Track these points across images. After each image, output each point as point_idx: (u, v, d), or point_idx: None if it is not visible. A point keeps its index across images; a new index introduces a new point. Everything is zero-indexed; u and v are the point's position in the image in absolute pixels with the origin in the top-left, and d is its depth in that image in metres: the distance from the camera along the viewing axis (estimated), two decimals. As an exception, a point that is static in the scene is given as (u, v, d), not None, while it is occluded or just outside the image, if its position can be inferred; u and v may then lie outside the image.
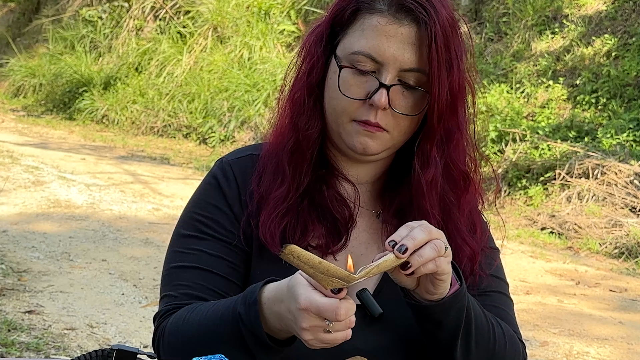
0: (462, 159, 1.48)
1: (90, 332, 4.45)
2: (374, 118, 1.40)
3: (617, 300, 5.91)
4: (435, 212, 1.44)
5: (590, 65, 10.11)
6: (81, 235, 6.54)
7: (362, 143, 1.42)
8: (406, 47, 1.39)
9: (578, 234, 7.52)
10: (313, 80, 1.46)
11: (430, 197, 1.44)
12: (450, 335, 1.37)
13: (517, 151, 9.05)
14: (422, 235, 1.26)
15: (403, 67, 1.39)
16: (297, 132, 1.47)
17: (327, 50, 1.46)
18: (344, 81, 1.41)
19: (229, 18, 14.26)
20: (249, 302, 1.32)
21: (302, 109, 1.47)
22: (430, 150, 1.43)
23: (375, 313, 1.31)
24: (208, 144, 12.22)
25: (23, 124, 14.01)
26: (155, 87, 13.96)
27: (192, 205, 1.52)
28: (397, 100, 1.40)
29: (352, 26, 1.43)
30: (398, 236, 1.26)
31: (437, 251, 1.26)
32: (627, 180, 7.89)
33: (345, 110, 1.42)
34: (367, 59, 1.40)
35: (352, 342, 1.34)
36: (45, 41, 17.19)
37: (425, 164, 1.44)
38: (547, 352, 4.79)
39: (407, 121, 1.42)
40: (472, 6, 12.26)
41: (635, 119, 8.94)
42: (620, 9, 10.68)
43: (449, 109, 1.41)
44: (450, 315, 1.35)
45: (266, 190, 1.46)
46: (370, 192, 1.53)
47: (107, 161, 10.51)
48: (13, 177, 8.67)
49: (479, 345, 1.41)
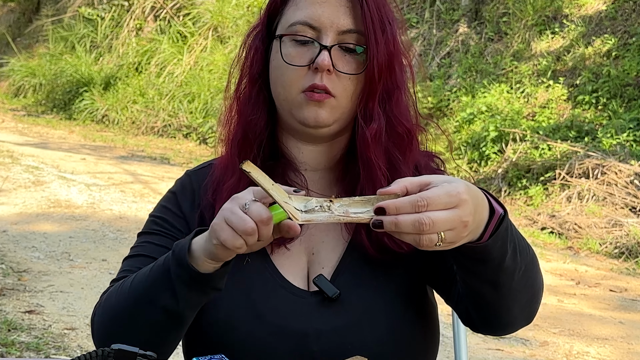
0: (405, 116, 1.51)
1: (90, 332, 4.44)
2: (319, 81, 1.43)
3: (617, 300, 5.91)
4: (380, 163, 1.46)
5: (590, 65, 10.12)
6: (81, 235, 6.54)
7: (313, 113, 1.45)
8: (340, 10, 1.45)
9: (578, 234, 7.52)
10: (254, 71, 1.52)
11: (375, 149, 1.47)
12: (494, 269, 1.31)
13: (517, 151, 9.05)
14: (411, 201, 1.19)
15: (340, 29, 1.45)
16: (243, 123, 1.52)
17: (265, 41, 1.52)
18: (286, 53, 1.46)
19: (229, 18, 14.26)
20: (181, 244, 1.36)
21: (247, 100, 1.52)
22: (372, 107, 1.47)
23: (331, 294, 1.42)
24: (208, 144, 12.22)
25: (23, 124, 14.01)
26: (156, 87, 13.96)
27: (152, 211, 1.60)
28: (340, 62, 1.45)
29: (287, 5, 1.50)
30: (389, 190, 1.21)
31: (417, 228, 1.17)
32: (627, 180, 7.89)
33: (291, 82, 1.46)
34: (305, 27, 1.45)
35: (313, 324, 1.42)
36: (45, 41, 17.19)
37: (369, 119, 1.47)
38: (547, 352, 4.79)
39: (351, 83, 1.46)
40: (472, 6, 12.26)
41: (635, 119, 8.94)
42: (620, 9, 10.68)
43: (387, 66, 1.46)
44: (493, 256, 1.29)
45: (219, 182, 1.51)
46: (326, 178, 1.55)
47: (107, 161, 10.51)
48: (13, 177, 8.67)
49: (525, 277, 1.36)
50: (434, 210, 1.17)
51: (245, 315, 1.44)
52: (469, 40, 11.88)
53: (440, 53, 12.02)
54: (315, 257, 1.50)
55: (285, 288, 1.46)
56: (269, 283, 1.47)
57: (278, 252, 1.49)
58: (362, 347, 1.42)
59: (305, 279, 1.49)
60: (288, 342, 1.42)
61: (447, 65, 11.75)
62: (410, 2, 13.03)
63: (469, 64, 11.31)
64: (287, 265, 1.48)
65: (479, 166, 9.43)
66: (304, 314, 1.44)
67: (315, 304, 1.45)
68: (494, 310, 1.39)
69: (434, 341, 1.53)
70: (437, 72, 11.63)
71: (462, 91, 10.84)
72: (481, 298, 1.38)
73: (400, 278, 1.49)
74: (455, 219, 1.18)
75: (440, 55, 11.97)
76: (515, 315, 1.40)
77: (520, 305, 1.39)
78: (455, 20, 12.33)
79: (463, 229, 1.20)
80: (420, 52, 12.05)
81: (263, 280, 1.47)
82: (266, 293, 1.46)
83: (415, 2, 12.99)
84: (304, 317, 1.44)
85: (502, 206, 1.29)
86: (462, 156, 9.65)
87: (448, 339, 4.08)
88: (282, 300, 1.45)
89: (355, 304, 1.45)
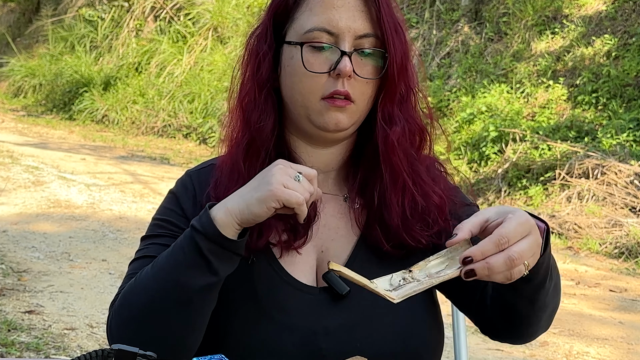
0: (418, 116, 1.54)
1: (90, 332, 4.45)
2: (342, 87, 1.43)
3: (617, 300, 5.91)
4: (404, 167, 1.48)
5: (590, 65, 10.12)
6: (81, 235, 6.54)
7: (334, 118, 1.45)
8: (356, 14, 1.45)
9: (578, 234, 7.52)
10: (263, 76, 1.50)
11: (399, 152, 1.48)
12: (536, 286, 1.37)
13: (517, 151, 9.05)
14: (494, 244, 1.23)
15: (357, 33, 1.44)
16: (250, 129, 1.50)
17: (272, 45, 1.51)
18: (306, 60, 1.45)
19: (229, 18, 14.27)
20: (202, 213, 1.37)
21: (254, 105, 1.50)
22: (392, 109, 1.48)
23: (342, 291, 1.43)
24: (208, 144, 12.22)
25: (23, 124, 14.01)
26: (155, 87, 13.96)
27: (154, 214, 1.59)
28: (358, 67, 1.45)
29: (298, 10, 1.48)
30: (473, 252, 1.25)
31: (509, 265, 1.23)
32: (627, 180, 7.89)
33: (312, 89, 1.45)
34: (322, 34, 1.44)
35: (321, 322, 1.42)
36: (45, 41, 17.20)
37: (389, 122, 1.48)
38: (547, 352, 4.79)
39: (369, 87, 1.46)
40: (472, 6, 12.26)
41: (635, 119, 8.94)
42: (620, 9, 10.68)
43: (403, 67, 1.48)
44: (540, 275, 1.35)
45: (224, 189, 1.49)
46: (335, 178, 1.55)
47: (107, 161, 10.51)
48: (13, 177, 8.67)
49: (555, 289, 1.42)
50: (515, 243, 1.23)
51: (251, 312, 1.44)
52: (469, 40, 11.88)
53: (440, 53, 12.02)
54: (324, 254, 1.50)
55: (290, 284, 1.46)
56: (274, 279, 1.46)
57: (287, 254, 1.49)
58: (371, 345, 1.42)
59: (315, 276, 1.49)
60: (295, 339, 1.42)
61: (447, 66, 11.75)
62: (410, 2, 13.03)
63: (469, 64, 11.31)
64: (294, 263, 1.48)
65: (478, 166, 9.43)
66: (312, 310, 1.44)
67: (324, 300, 1.45)
68: (525, 323, 1.43)
69: (439, 340, 1.54)
70: (437, 72, 11.63)
71: (462, 91, 10.84)
72: (515, 312, 1.42)
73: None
74: (534, 244, 1.26)
75: (440, 55, 11.97)
76: (541, 325, 1.46)
77: (547, 316, 1.44)
78: (455, 20, 12.33)
79: (538, 252, 1.28)
80: (420, 52, 12.05)
81: (268, 277, 1.46)
82: (271, 289, 1.45)
83: (415, 2, 12.99)
84: (312, 314, 1.44)
85: (542, 221, 1.34)
86: (462, 156, 9.65)
87: (448, 339, 4.08)
88: (288, 296, 1.45)
89: (364, 301, 1.45)
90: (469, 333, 1.86)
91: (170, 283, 1.36)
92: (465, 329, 2.02)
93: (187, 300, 1.35)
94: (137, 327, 1.37)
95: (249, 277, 1.47)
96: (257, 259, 1.47)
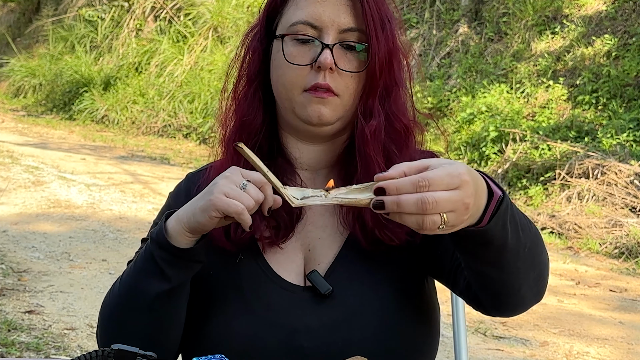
0: (403, 113, 1.53)
1: (90, 332, 4.45)
2: (323, 80, 1.44)
3: (617, 300, 5.91)
4: (379, 159, 1.47)
5: (590, 65, 10.12)
6: (81, 235, 6.55)
7: (316, 111, 1.46)
8: (340, 8, 1.46)
9: (578, 234, 7.52)
10: (252, 71, 1.53)
11: (374, 145, 1.48)
12: (496, 251, 1.30)
13: (517, 151, 9.05)
14: (412, 182, 1.16)
15: (341, 27, 1.46)
16: (238, 123, 1.54)
17: (264, 41, 1.53)
18: (288, 53, 1.47)
19: (229, 18, 14.27)
20: (157, 229, 1.41)
21: (244, 100, 1.54)
22: (372, 103, 1.48)
23: (323, 290, 1.44)
24: (208, 144, 12.21)
25: (23, 124, 14.01)
26: (156, 87, 13.96)
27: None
28: (341, 61, 1.46)
29: (286, 5, 1.51)
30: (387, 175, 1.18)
31: (420, 208, 1.14)
32: (627, 180, 7.89)
33: (294, 81, 1.46)
34: (306, 27, 1.46)
35: (303, 320, 1.43)
36: (45, 41, 17.20)
37: (368, 116, 1.48)
38: (547, 352, 4.79)
39: (354, 81, 1.47)
40: (472, 6, 12.26)
41: (635, 119, 8.94)
42: (620, 9, 10.68)
43: (387, 63, 1.47)
44: (495, 238, 1.27)
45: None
46: (327, 176, 1.55)
47: (107, 161, 10.51)
48: (13, 177, 8.67)
49: (530, 253, 1.35)
50: (436, 190, 1.14)
51: (236, 307, 1.46)
52: (469, 40, 11.88)
53: (440, 53, 12.02)
54: (311, 253, 1.51)
55: (275, 283, 1.47)
56: (260, 277, 1.48)
57: (271, 250, 1.50)
58: (351, 344, 1.42)
59: (302, 275, 1.49)
60: (277, 336, 1.43)
61: (447, 66, 11.75)
62: (410, 2, 13.03)
63: (469, 64, 11.31)
64: (280, 262, 1.49)
65: (479, 166, 9.43)
66: (295, 309, 1.45)
67: (308, 299, 1.46)
68: (502, 291, 1.38)
69: (432, 339, 1.52)
70: (437, 72, 11.63)
71: (462, 91, 10.84)
72: (488, 280, 1.36)
73: (396, 273, 1.49)
74: (458, 200, 1.16)
75: (440, 56, 11.97)
76: (524, 294, 1.39)
77: (528, 284, 1.38)
78: (455, 20, 12.33)
79: (465, 211, 1.17)
80: (420, 52, 12.06)
81: (254, 275, 1.48)
82: (256, 287, 1.47)
83: (415, 2, 12.99)
84: (295, 312, 1.45)
85: (500, 188, 1.28)
86: (462, 156, 9.65)
87: (448, 339, 4.09)
88: (272, 294, 1.46)
89: (348, 300, 1.46)
90: (469, 333, 1.86)
91: (132, 289, 1.43)
92: (465, 329, 2.01)
93: (147, 304, 1.41)
94: (109, 326, 1.46)
95: (236, 274, 1.48)
96: (244, 257, 1.49)
